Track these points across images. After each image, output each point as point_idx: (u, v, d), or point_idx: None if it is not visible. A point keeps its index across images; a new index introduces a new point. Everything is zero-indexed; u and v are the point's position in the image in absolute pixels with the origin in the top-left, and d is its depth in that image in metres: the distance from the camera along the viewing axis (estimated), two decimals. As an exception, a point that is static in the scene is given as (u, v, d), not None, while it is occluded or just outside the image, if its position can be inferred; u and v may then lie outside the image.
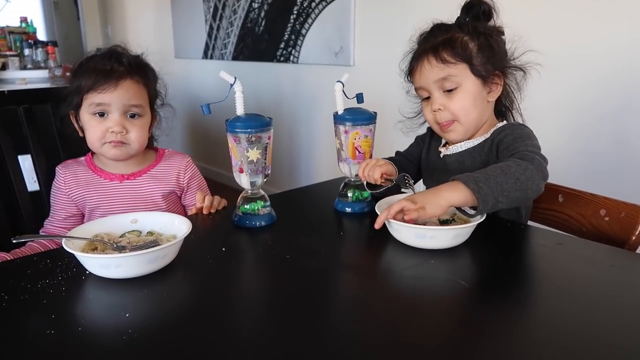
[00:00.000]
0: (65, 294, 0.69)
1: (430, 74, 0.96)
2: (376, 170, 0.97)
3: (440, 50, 0.95)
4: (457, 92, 0.96)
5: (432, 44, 0.96)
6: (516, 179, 0.80)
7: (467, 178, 0.80)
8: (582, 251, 0.85)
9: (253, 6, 2.98)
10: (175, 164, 1.16)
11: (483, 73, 0.96)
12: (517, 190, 0.80)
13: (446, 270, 0.77)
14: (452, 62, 0.94)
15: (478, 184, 0.79)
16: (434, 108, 0.98)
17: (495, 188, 0.79)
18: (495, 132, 0.99)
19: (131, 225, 0.86)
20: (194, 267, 0.79)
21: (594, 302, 0.67)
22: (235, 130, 0.89)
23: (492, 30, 0.98)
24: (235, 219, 0.96)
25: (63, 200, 1.11)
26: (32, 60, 3.36)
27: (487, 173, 0.81)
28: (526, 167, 0.81)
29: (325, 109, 2.63)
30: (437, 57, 0.95)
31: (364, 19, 2.39)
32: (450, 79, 0.95)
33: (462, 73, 0.95)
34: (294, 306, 0.66)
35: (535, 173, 0.82)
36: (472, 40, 0.95)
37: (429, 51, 0.96)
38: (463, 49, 0.94)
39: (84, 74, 1.04)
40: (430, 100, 0.99)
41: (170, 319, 0.64)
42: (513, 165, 0.82)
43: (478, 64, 0.95)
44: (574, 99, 1.68)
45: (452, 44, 0.94)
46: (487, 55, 0.96)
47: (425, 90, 0.99)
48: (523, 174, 0.81)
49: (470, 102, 0.97)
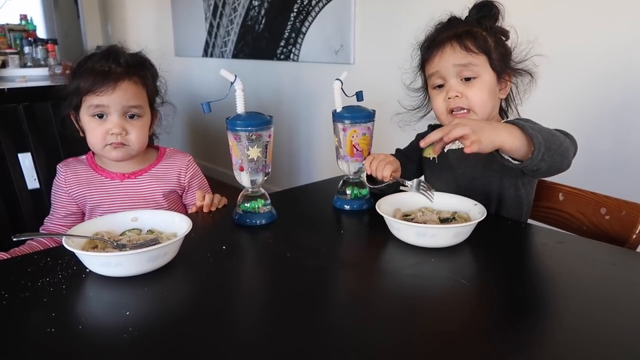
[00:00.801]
0: (66, 292, 0.69)
1: (451, 59, 0.97)
2: (387, 168, 0.97)
3: (463, 38, 0.96)
4: (475, 81, 0.97)
5: (454, 33, 0.97)
6: (560, 143, 0.82)
7: (523, 125, 0.79)
8: (583, 250, 0.85)
9: (253, 4, 2.97)
10: (176, 163, 1.16)
11: (499, 68, 0.98)
12: (559, 154, 0.82)
13: (447, 269, 0.77)
14: (474, 52, 0.96)
15: (534, 131, 0.79)
16: (450, 95, 0.98)
17: (545, 143, 0.79)
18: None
19: (131, 224, 0.86)
20: (194, 266, 0.79)
21: (595, 301, 0.67)
22: (235, 128, 0.89)
23: (503, 31, 1.01)
24: (236, 217, 0.96)
25: (63, 198, 1.11)
26: (32, 58, 3.36)
27: (539, 126, 0.83)
28: (565, 138, 0.85)
29: (325, 107, 2.63)
30: (460, 44, 0.96)
31: (364, 17, 2.38)
32: (471, 67, 0.96)
33: (482, 64, 0.97)
34: (294, 304, 0.66)
35: (571, 147, 0.86)
36: (490, 36, 0.98)
37: (452, 38, 0.97)
38: (484, 41, 0.97)
39: (83, 75, 1.03)
40: (445, 87, 0.99)
41: (170, 317, 0.64)
42: (556, 132, 0.84)
43: (496, 59, 0.97)
44: (575, 97, 1.68)
45: (474, 35, 0.97)
46: (502, 52, 0.99)
47: (441, 77, 0.99)
48: (565, 142, 0.84)
49: (487, 94, 0.98)
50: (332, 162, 1.10)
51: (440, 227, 0.82)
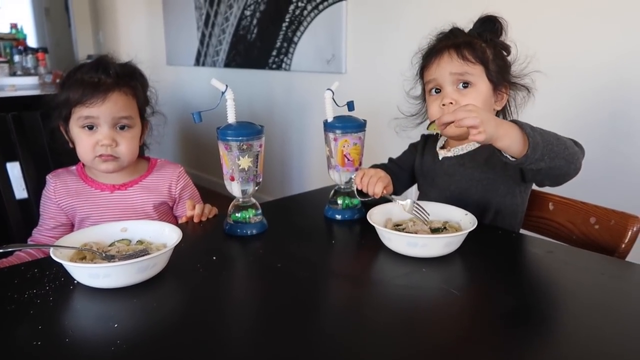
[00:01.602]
0: (53, 304, 0.68)
1: (448, 66, 0.99)
2: (378, 185, 0.97)
3: (462, 48, 0.98)
4: (470, 90, 0.99)
5: (453, 42, 1.00)
6: (565, 147, 0.85)
7: (523, 123, 0.82)
8: (573, 259, 0.85)
9: (245, 14, 2.99)
10: (167, 175, 1.15)
11: (495, 80, 1.00)
12: (563, 158, 0.84)
13: (437, 279, 0.77)
14: (471, 62, 0.98)
15: (534, 132, 0.81)
16: (444, 102, 0.99)
17: (546, 145, 0.81)
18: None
19: (121, 234, 0.85)
20: (184, 276, 0.78)
21: (585, 310, 0.67)
22: (226, 138, 0.89)
23: (504, 45, 1.03)
24: (226, 227, 0.96)
25: (53, 209, 1.10)
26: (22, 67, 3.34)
27: (542, 130, 0.84)
28: (574, 145, 0.88)
29: (317, 116, 2.64)
30: (458, 53, 0.98)
31: (356, 27, 2.40)
32: (467, 76, 0.98)
33: (478, 74, 0.98)
34: (285, 315, 0.66)
35: (580, 154, 0.88)
36: (489, 48, 1.00)
37: (450, 47, 0.99)
38: (482, 52, 0.99)
39: (72, 86, 1.02)
40: (441, 94, 1.01)
41: (160, 329, 0.63)
42: (563, 137, 0.87)
43: (493, 70, 0.99)
44: (564, 108, 1.70)
45: (473, 46, 0.99)
46: (500, 64, 1.01)
47: (438, 84, 1.01)
48: (572, 148, 0.86)
49: (482, 103, 0.99)
50: (323, 171, 1.10)
51: (432, 237, 0.82)
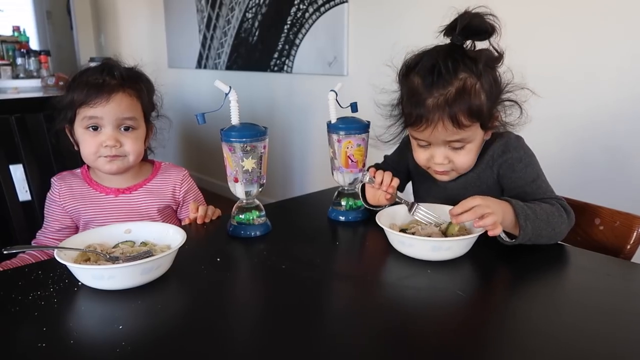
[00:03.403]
0: (57, 305, 0.68)
1: (442, 136, 0.88)
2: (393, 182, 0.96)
3: (457, 112, 0.85)
4: (464, 149, 0.91)
5: (445, 100, 0.85)
6: (553, 228, 0.86)
7: (520, 210, 0.84)
8: (577, 260, 0.85)
9: (247, 16, 2.99)
10: (171, 178, 1.15)
11: (489, 125, 0.91)
12: (547, 237, 0.86)
13: (443, 280, 0.76)
14: (467, 126, 0.87)
15: (527, 221, 0.83)
16: (437, 161, 0.93)
17: (535, 230, 0.84)
18: (496, 152, 0.95)
19: (125, 236, 0.85)
20: (188, 278, 0.78)
21: (590, 311, 0.67)
22: (230, 139, 0.89)
23: (496, 58, 0.89)
24: (230, 229, 0.95)
25: (57, 212, 1.10)
26: (24, 70, 3.35)
27: (536, 213, 0.85)
28: (563, 222, 0.88)
29: (318, 118, 2.64)
30: (452, 121, 0.85)
31: (358, 29, 2.40)
32: (463, 140, 0.90)
33: (473, 131, 0.89)
34: (290, 317, 0.66)
35: (566, 229, 0.89)
36: (482, 84, 0.86)
37: (444, 111, 0.85)
38: (477, 106, 0.86)
39: (77, 88, 1.03)
40: (430, 149, 0.93)
41: (164, 331, 0.63)
42: (557, 214, 0.87)
43: (486, 116, 0.89)
44: (565, 109, 1.70)
45: (467, 99, 0.85)
46: (494, 96, 0.89)
47: (428, 142, 0.93)
48: (559, 227, 0.87)
49: (475, 154, 0.93)
50: (325, 173, 1.10)
51: (456, 239, 0.81)
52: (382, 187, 0.96)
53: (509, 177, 0.94)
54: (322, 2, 2.52)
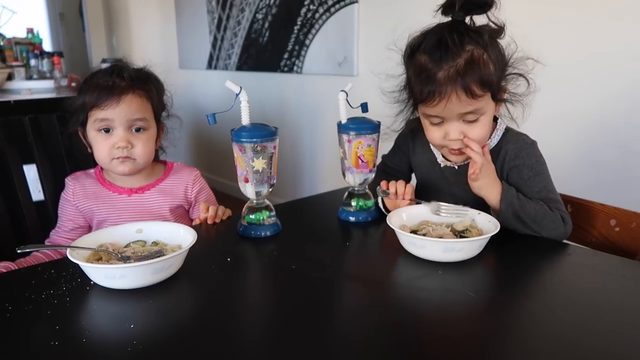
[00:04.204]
0: (70, 304, 0.69)
1: (456, 108, 0.88)
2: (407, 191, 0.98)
3: (469, 82, 0.85)
4: (478, 122, 0.91)
5: (457, 71, 0.85)
6: (539, 229, 0.90)
7: (507, 194, 0.90)
8: (592, 262, 0.84)
9: (257, 17, 3.00)
10: (183, 178, 1.16)
11: (499, 97, 0.92)
12: (532, 231, 0.91)
13: (454, 282, 0.76)
14: (480, 96, 0.87)
15: (508, 209, 0.90)
16: (452, 137, 0.92)
17: (515, 218, 0.89)
18: (509, 155, 0.96)
19: (136, 235, 0.85)
20: (199, 278, 0.78)
21: (605, 314, 0.66)
22: (240, 139, 0.89)
23: (498, 31, 0.89)
24: (240, 229, 0.96)
25: (71, 211, 1.11)
26: (37, 71, 3.39)
27: (524, 208, 0.90)
28: (554, 228, 0.91)
29: (328, 119, 2.64)
30: (466, 91, 0.85)
31: (368, 29, 2.40)
32: (477, 112, 0.89)
33: (486, 102, 0.89)
34: (300, 316, 0.66)
35: (556, 236, 0.91)
36: (489, 55, 0.87)
37: (455, 81, 0.85)
38: (488, 75, 0.86)
39: (88, 90, 1.04)
40: (444, 126, 0.92)
41: (175, 330, 0.63)
42: (550, 219, 0.91)
43: (496, 86, 0.89)
44: (579, 108, 1.68)
45: (477, 69, 0.85)
46: (501, 67, 0.89)
47: (440, 118, 0.92)
48: (546, 230, 0.91)
49: (488, 127, 0.93)
50: (335, 174, 1.10)
51: (467, 240, 0.81)
52: (399, 196, 0.98)
53: (515, 182, 0.96)
54: (332, 3, 2.51)
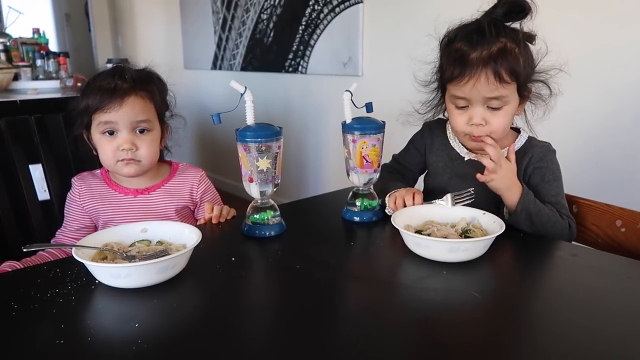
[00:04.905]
0: (75, 303, 0.69)
1: (483, 90, 0.90)
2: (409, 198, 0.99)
3: (499, 66, 0.88)
4: (501, 110, 0.93)
5: (489, 54, 0.88)
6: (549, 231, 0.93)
7: (525, 199, 0.92)
8: (598, 262, 0.83)
9: (262, 17, 3.00)
10: (188, 179, 1.16)
11: (524, 93, 0.94)
12: (539, 233, 0.93)
13: (459, 282, 0.76)
14: (508, 82, 0.89)
15: (523, 212, 0.91)
16: (475, 121, 0.93)
17: (528, 221, 0.92)
18: (535, 157, 0.99)
19: (141, 235, 0.86)
20: (203, 277, 0.78)
21: (610, 315, 0.66)
22: (245, 139, 0.89)
23: (530, 36, 0.93)
24: (245, 228, 0.96)
25: (77, 211, 1.11)
26: (43, 71, 3.40)
27: (540, 214, 0.92)
28: (560, 235, 0.94)
29: (333, 119, 2.64)
30: (495, 74, 0.88)
31: (373, 29, 2.39)
32: (502, 98, 0.91)
33: (511, 92, 0.92)
34: (304, 317, 0.66)
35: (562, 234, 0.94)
36: (520, 50, 0.90)
37: (487, 63, 0.88)
38: (517, 65, 0.89)
39: (90, 93, 1.04)
40: (469, 111, 0.94)
41: (179, 329, 0.63)
42: (559, 227, 0.94)
43: (523, 82, 0.92)
44: (584, 109, 1.67)
45: (509, 58, 0.88)
46: (530, 67, 0.92)
47: (466, 101, 0.94)
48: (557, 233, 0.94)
49: (509, 119, 0.95)
50: (339, 174, 1.10)
51: (472, 240, 0.80)
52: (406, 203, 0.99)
53: (535, 184, 0.97)
54: (337, 3, 2.51)
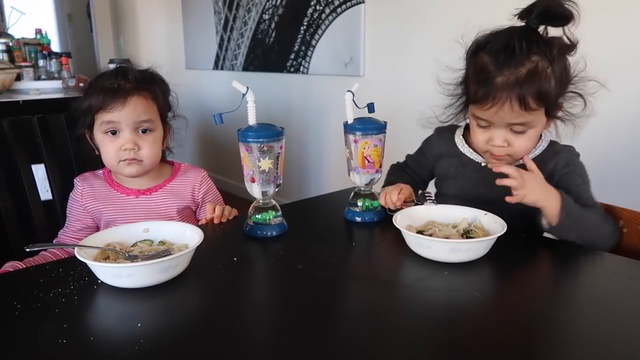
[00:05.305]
0: (77, 303, 0.69)
1: (507, 117, 0.87)
2: (394, 194, 0.97)
3: (526, 93, 0.84)
4: (525, 134, 0.90)
5: (516, 79, 0.84)
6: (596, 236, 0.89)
7: (566, 204, 0.85)
8: (599, 263, 0.83)
9: (263, 17, 3.00)
10: (190, 179, 1.16)
11: (553, 114, 0.91)
12: (585, 241, 0.87)
13: (460, 282, 0.76)
14: (534, 110, 0.86)
15: (568, 218, 0.85)
16: (495, 143, 0.91)
17: (573, 227, 0.86)
18: (559, 164, 0.95)
19: (143, 235, 0.86)
20: (205, 277, 0.78)
21: (611, 315, 0.66)
22: (247, 139, 0.89)
23: (570, 47, 0.88)
24: (247, 228, 0.96)
25: (79, 211, 1.12)
26: (46, 71, 3.40)
27: (582, 217, 0.87)
28: (612, 236, 0.92)
29: (334, 119, 2.64)
30: (520, 102, 0.84)
31: (374, 29, 2.39)
32: (526, 124, 0.88)
33: (538, 116, 0.88)
34: (305, 317, 0.66)
35: (610, 240, 0.91)
36: (553, 69, 0.85)
37: (513, 89, 0.84)
38: (547, 90, 0.85)
39: (93, 93, 1.05)
40: (490, 131, 0.92)
41: (181, 329, 0.63)
42: (607, 228, 0.91)
43: (553, 103, 0.88)
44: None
45: (538, 82, 0.84)
46: (562, 84, 0.88)
47: (488, 122, 0.91)
48: (606, 236, 0.90)
49: (534, 140, 0.92)
50: (341, 174, 1.10)
51: (474, 241, 0.80)
52: (394, 205, 0.98)
53: (564, 189, 0.92)
54: (338, 3, 2.52)
